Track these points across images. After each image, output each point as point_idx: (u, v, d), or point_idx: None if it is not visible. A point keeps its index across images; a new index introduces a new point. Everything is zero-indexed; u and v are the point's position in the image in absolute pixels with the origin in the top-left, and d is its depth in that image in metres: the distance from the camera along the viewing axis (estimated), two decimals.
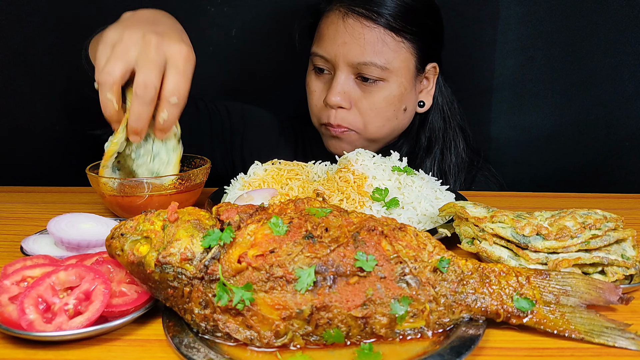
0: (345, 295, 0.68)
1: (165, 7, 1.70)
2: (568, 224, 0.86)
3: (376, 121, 1.38)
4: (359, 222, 0.74)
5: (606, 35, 1.63)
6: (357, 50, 1.32)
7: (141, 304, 0.73)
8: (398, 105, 1.39)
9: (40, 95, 1.72)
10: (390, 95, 1.37)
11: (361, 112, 1.37)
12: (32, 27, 1.67)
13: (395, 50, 1.34)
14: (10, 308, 0.69)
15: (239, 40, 1.73)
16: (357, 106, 1.37)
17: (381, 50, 1.33)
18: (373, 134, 1.40)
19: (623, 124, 1.69)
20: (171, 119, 1.00)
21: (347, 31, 1.33)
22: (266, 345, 0.67)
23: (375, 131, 1.40)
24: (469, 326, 0.70)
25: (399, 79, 1.37)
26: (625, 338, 0.69)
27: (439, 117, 1.50)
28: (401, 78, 1.37)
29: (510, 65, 1.71)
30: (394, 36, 1.33)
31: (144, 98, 0.95)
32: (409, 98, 1.42)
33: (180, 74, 0.98)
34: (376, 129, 1.40)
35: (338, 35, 1.34)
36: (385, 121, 1.40)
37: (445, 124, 1.50)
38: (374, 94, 1.36)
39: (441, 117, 1.50)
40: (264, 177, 1.15)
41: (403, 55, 1.36)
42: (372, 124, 1.39)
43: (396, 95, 1.37)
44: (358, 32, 1.32)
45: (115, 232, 0.74)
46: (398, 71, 1.36)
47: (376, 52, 1.33)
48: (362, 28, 1.32)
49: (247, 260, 0.68)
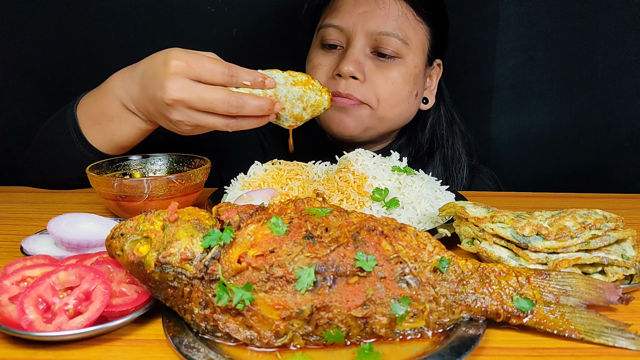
0: (345, 295, 0.68)
1: (165, 7, 1.71)
2: (568, 224, 0.86)
3: (391, 98, 1.33)
4: (359, 222, 0.74)
5: (606, 35, 1.64)
6: (378, 19, 1.30)
7: (141, 304, 0.73)
8: (413, 86, 1.36)
9: (40, 95, 1.72)
10: (407, 73, 1.33)
11: (375, 87, 1.31)
12: (32, 27, 1.68)
13: (415, 29, 1.34)
14: (10, 308, 0.69)
15: (239, 40, 1.73)
16: (371, 81, 1.31)
17: (402, 24, 1.32)
18: (385, 112, 1.34)
19: (623, 124, 1.70)
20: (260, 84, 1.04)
21: (369, 0, 1.31)
22: (266, 345, 0.67)
23: (387, 110, 1.34)
24: (469, 326, 0.70)
25: (415, 58, 1.34)
26: (625, 338, 0.69)
27: (440, 120, 1.49)
28: (417, 59, 1.35)
29: (510, 65, 1.71)
30: (414, 14, 1.33)
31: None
32: (421, 84, 1.40)
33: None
34: (389, 107, 1.34)
35: (359, 3, 1.31)
36: (399, 101, 1.34)
37: (447, 128, 1.49)
38: (391, 70, 1.32)
39: (443, 120, 1.50)
40: (264, 177, 1.14)
41: (421, 36, 1.35)
42: (386, 101, 1.32)
43: (412, 74, 1.34)
44: (382, 2, 1.30)
45: (115, 232, 0.74)
46: (415, 50, 1.34)
47: (398, 25, 1.31)
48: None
49: (247, 260, 0.68)
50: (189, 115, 1.01)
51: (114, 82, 1.14)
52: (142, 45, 1.70)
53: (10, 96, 1.71)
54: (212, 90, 0.99)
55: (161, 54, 1.03)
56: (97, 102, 1.17)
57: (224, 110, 1.00)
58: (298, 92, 1.08)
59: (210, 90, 0.99)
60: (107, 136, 1.18)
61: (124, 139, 1.18)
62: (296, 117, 1.11)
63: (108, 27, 1.68)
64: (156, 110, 1.05)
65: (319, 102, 1.11)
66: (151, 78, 1.02)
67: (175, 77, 0.99)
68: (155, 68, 1.01)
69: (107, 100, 1.14)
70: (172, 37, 1.70)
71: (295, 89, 1.08)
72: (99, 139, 1.18)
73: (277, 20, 1.72)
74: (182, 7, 1.69)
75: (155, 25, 1.69)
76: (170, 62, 0.99)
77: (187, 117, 1.01)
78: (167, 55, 1.01)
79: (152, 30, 1.69)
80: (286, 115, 1.09)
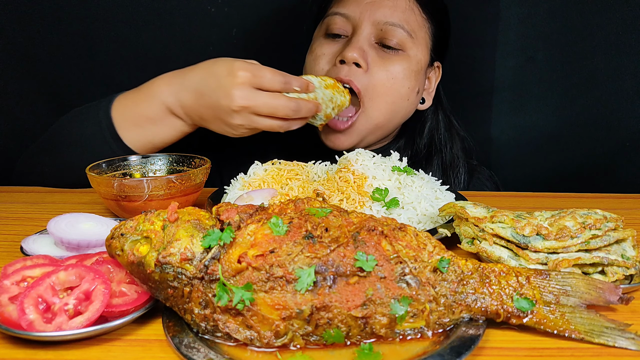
0: (345, 295, 0.68)
1: (165, 7, 1.71)
2: (568, 224, 0.86)
3: (387, 95, 1.32)
4: (359, 222, 0.74)
5: (606, 35, 1.64)
6: (386, 10, 1.32)
7: (141, 304, 0.73)
8: (414, 82, 1.35)
9: (40, 95, 1.72)
10: (409, 68, 1.33)
11: (375, 79, 1.31)
12: (32, 27, 1.68)
13: (420, 25, 1.35)
14: (10, 308, 0.69)
15: (239, 40, 1.73)
16: (372, 72, 1.31)
17: (409, 17, 1.33)
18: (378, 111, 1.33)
19: (623, 124, 1.69)
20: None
21: None
22: (266, 345, 0.67)
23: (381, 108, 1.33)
24: (469, 326, 0.70)
25: (418, 53, 1.35)
26: (625, 338, 0.69)
27: (438, 125, 1.49)
28: (420, 54, 1.36)
29: (511, 65, 1.71)
30: (420, 10, 1.35)
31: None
32: (422, 81, 1.40)
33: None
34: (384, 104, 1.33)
35: None
36: (397, 97, 1.34)
37: (446, 133, 1.49)
38: (394, 63, 1.32)
39: (441, 125, 1.49)
40: (264, 177, 1.14)
41: (425, 33, 1.36)
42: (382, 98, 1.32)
43: (414, 70, 1.34)
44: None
45: (115, 232, 0.74)
46: (419, 45, 1.35)
47: (405, 18, 1.33)
48: None
49: (247, 260, 0.68)
50: (250, 119, 1.13)
51: (159, 88, 1.21)
52: (142, 45, 1.70)
53: (10, 96, 1.71)
54: (275, 97, 1.13)
55: (221, 65, 1.13)
56: (137, 106, 1.22)
57: (285, 114, 1.14)
58: (329, 94, 1.22)
59: (273, 97, 1.12)
60: (147, 138, 1.24)
61: (163, 140, 1.26)
62: (327, 116, 1.25)
63: (108, 27, 1.68)
64: (214, 116, 1.15)
65: (343, 102, 1.25)
66: (215, 87, 1.13)
67: (242, 87, 1.11)
68: (220, 78, 1.12)
69: (151, 104, 1.21)
70: (172, 37, 1.70)
71: (328, 91, 1.22)
72: (137, 140, 1.24)
73: (277, 20, 1.71)
74: (182, 7, 1.69)
75: (155, 25, 1.69)
76: (238, 73, 1.10)
77: (249, 121, 1.13)
78: (231, 66, 1.12)
79: (152, 30, 1.69)
80: (321, 115, 1.23)
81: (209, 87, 1.14)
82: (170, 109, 1.21)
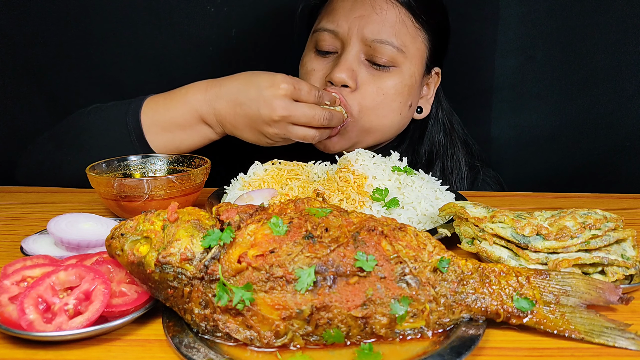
0: (345, 295, 0.68)
1: (165, 7, 1.71)
2: (568, 224, 0.86)
3: (378, 109, 1.31)
4: (359, 222, 0.74)
5: (606, 35, 1.63)
6: (374, 25, 1.28)
7: (141, 304, 0.73)
8: (407, 97, 1.33)
9: (40, 95, 1.72)
10: (401, 84, 1.31)
11: (365, 97, 1.29)
12: (32, 27, 1.67)
13: (413, 36, 1.31)
14: (10, 308, 0.69)
15: (239, 40, 1.73)
16: (363, 89, 1.29)
17: (400, 31, 1.29)
18: (369, 122, 1.32)
19: (623, 124, 1.69)
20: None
21: (366, 4, 1.28)
22: (266, 345, 0.67)
23: (372, 120, 1.32)
24: (469, 326, 0.70)
25: (411, 67, 1.32)
26: (625, 338, 0.69)
27: (439, 131, 1.48)
28: (414, 68, 1.32)
29: (511, 65, 1.70)
30: (413, 21, 1.30)
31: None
32: (416, 94, 1.37)
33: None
34: (375, 117, 1.32)
35: (355, 7, 1.29)
36: (388, 112, 1.32)
37: (446, 138, 1.48)
38: (385, 80, 1.30)
39: (442, 130, 1.48)
40: (264, 177, 1.14)
41: (419, 44, 1.32)
42: (373, 111, 1.30)
43: (407, 85, 1.32)
44: (379, 6, 1.28)
45: (115, 232, 0.74)
46: (412, 59, 1.31)
47: (395, 32, 1.28)
48: (385, 2, 1.28)
49: (247, 260, 0.68)
50: (287, 129, 1.18)
51: (194, 96, 1.23)
52: (142, 45, 1.70)
53: (10, 96, 1.71)
54: (311, 108, 1.18)
55: (263, 77, 1.18)
56: (169, 111, 1.24)
57: (320, 123, 1.19)
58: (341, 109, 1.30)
59: (310, 108, 1.18)
60: (174, 144, 1.26)
61: (190, 146, 1.28)
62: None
63: (107, 27, 1.68)
64: (250, 125, 1.19)
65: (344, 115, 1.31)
66: (255, 97, 1.17)
67: (284, 98, 1.16)
68: (262, 89, 1.16)
69: (182, 111, 1.23)
70: (172, 37, 1.70)
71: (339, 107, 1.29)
72: (163, 145, 1.26)
73: (276, 20, 1.71)
74: (182, 7, 1.69)
75: (155, 25, 1.69)
76: (280, 85, 1.16)
77: (285, 130, 1.19)
78: (273, 78, 1.17)
79: (152, 30, 1.69)
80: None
81: (249, 97, 1.17)
82: (202, 116, 1.23)
